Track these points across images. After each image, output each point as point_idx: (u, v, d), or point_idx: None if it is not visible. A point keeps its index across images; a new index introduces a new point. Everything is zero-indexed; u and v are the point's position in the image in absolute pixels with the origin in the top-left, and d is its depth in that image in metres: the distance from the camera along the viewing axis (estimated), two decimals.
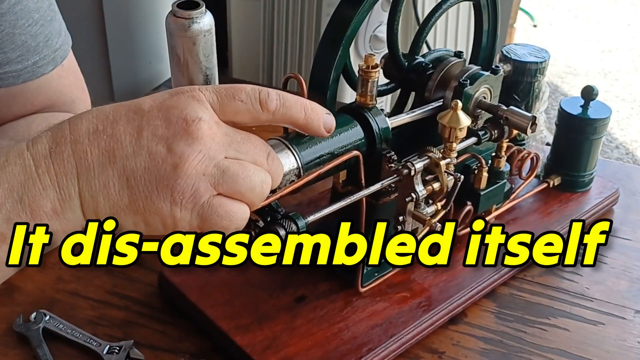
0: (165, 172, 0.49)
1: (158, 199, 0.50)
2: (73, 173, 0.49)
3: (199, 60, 0.60)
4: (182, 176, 0.49)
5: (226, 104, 0.52)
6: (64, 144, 0.49)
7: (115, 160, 0.49)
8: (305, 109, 0.56)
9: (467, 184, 0.81)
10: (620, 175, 0.99)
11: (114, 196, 0.50)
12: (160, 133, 0.49)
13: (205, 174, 0.50)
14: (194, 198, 0.50)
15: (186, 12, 0.57)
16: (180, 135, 0.49)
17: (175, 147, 0.49)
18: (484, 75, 0.75)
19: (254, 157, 0.53)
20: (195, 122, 0.50)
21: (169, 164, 0.49)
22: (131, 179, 0.49)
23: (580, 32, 3.65)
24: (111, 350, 0.69)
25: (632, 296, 0.80)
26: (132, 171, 0.49)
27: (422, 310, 0.73)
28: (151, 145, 0.49)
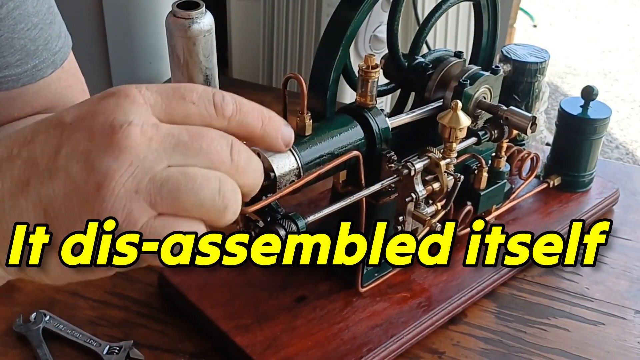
0: (87, 196, 0.39)
1: (82, 229, 0.40)
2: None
3: (199, 61, 0.60)
4: (108, 198, 0.39)
5: (173, 106, 0.42)
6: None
7: (28, 190, 0.40)
8: (263, 118, 0.45)
9: (467, 184, 0.81)
10: (620, 175, 0.99)
11: None
12: (81, 148, 0.39)
13: (138, 191, 0.39)
14: (127, 224, 0.39)
15: (186, 12, 0.57)
16: (105, 147, 0.39)
17: (98, 163, 0.39)
18: (484, 76, 0.75)
19: (210, 157, 0.42)
20: (123, 127, 0.39)
21: (91, 184, 0.39)
22: (49, 211, 0.40)
23: (580, 32, 3.65)
24: (111, 350, 0.69)
25: (632, 296, 0.80)
26: (50, 200, 0.40)
27: (422, 311, 0.73)
28: (70, 164, 0.39)
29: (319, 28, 1.39)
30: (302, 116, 0.63)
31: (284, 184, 0.60)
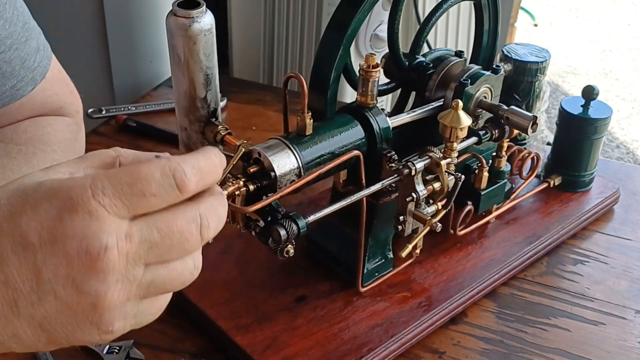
0: (83, 313, 0.42)
1: (83, 334, 0.43)
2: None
3: (200, 60, 0.60)
4: (105, 312, 0.42)
5: (136, 206, 0.42)
6: None
7: (19, 311, 0.42)
8: (221, 162, 0.46)
9: (468, 183, 0.80)
10: (621, 175, 0.99)
11: (29, 341, 0.43)
12: (62, 272, 0.41)
13: (129, 298, 0.43)
14: (124, 321, 0.44)
15: (187, 11, 0.57)
16: (89, 273, 0.41)
17: (86, 288, 0.41)
18: (484, 75, 0.75)
19: (183, 248, 0.44)
20: (101, 254, 0.41)
21: (85, 304, 0.42)
22: (45, 324, 0.42)
23: (581, 32, 3.65)
24: (111, 350, 0.69)
25: (632, 296, 0.80)
26: (43, 317, 0.42)
27: (422, 310, 0.73)
28: (57, 288, 0.41)
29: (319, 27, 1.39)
30: (303, 115, 0.63)
31: (284, 183, 0.60)
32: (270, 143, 0.61)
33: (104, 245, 0.41)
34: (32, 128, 0.76)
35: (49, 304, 0.41)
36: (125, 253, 0.42)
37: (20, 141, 0.74)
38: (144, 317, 0.46)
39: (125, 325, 0.45)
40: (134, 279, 0.43)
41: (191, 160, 0.44)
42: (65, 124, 0.79)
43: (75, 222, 0.41)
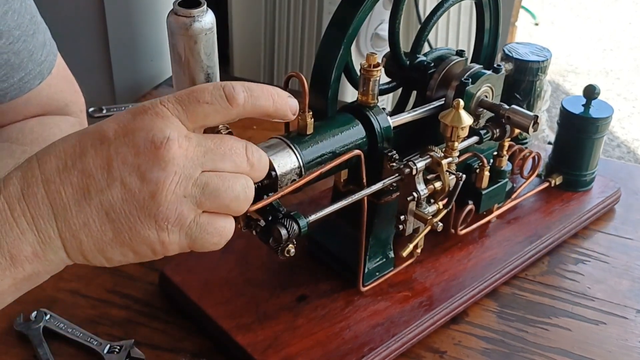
0: (144, 202, 0.47)
1: (143, 227, 0.48)
2: (50, 214, 0.47)
3: (200, 59, 0.59)
4: (163, 203, 0.48)
5: (193, 111, 0.50)
6: (36, 184, 0.48)
7: (91, 197, 0.47)
8: (272, 96, 0.53)
9: (469, 183, 0.80)
10: (622, 174, 0.99)
11: (97, 232, 0.48)
12: (130, 161, 0.47)
13: (185, 195, 0.48)
14: (179, 221, 0.49)
15: (187, 10, 0.57)
16: (152, 160, 0.47)
17: (148, 175, 0.47)
18: (485, 74, 0.75)
19: (232, 159, 0.51)
20: (163, 143, 0.47)
21: (145, 192, 0.47)
22: (111, 213, 0.48)
23: (582, 31, 3.65)
24: (112, 349, 0.69)
25: (633, 296, 0.80)
26: (110, 205, 0.47)
27: (423, 310, 0.73)
28: (123, 175, 0.47)
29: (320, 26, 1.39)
30: (304, 115, 0.62)
31: (285, 182, 0.60)
32: (271, 142, 0.61)
33: (167, 136, 0.47)
34: (38, 128, 0.76)
35: (115, 190, 0.47)
36: (185, 148, 0.48)
37: (25, 141, 0.74)
38: (201, 237, 0.50)
39: (181, 240, 0.49)
40: (190, 176, 0.48)
41: (245, 82, 0.52)
42: (70, 124, 0.79)
43: (145, 119, 0.48)
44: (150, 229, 0.48)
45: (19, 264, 0.48)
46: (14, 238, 0.47)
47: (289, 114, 0.55)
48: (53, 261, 0.49)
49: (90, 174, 0.47)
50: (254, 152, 0.52)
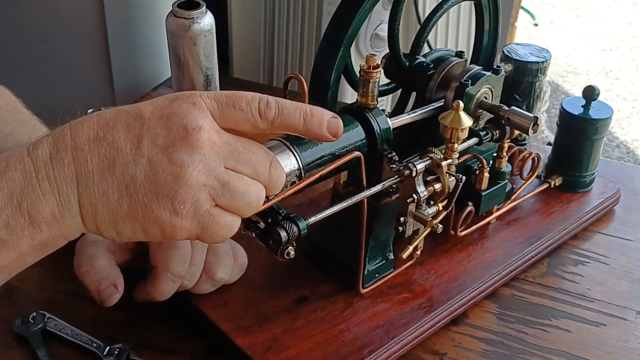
0: (165, 182, 0.49)
1: (158, 207, 0.50)
2: (73, 180, 0.49)
3: (200, 60, 0.59)
4: (183, 186, 0.49)
5: (226, 112, 0.52)
6: (65, 150, 0.49)
7: (115, 168, 0.49)
8: (304, 116, 0.56)
9: (469, 184, 0.80)
10: (622, 175, 0.99)
11: (113, 204, 0.50)
12: (160, 142, 0.49)
13: (205, 184, 0.50)
14: (194, 207, 0.50)
15: (187, 12, 0.57)
16: (181, 144, 0.49)
17: (175, 157, 0.49)
18: (485, 76, 0.75)
19: (255, 167, 0.53)
20: (195, 130, 0.49)
21: (169, 173, 0.49)
22: (131, 187, 0.49)
23: (581, 31, 3.65)
24: (111, 351, 0.69)
25: (633, 297, 0.79)
26: (132, 179, 0.49)
27: (423, 312, 0.73)
28: (151, 153, 0.49)
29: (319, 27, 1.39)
30: None
31: (285, 184, 0.60)
32: (270, 144, 0.61)
33: (200, 125, 0.50)
34: None
35: (141, 166, 0.49)
36: (213, 141, 0.50)
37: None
38: (212, 227, 0.52)
39: (192, 227, 0.51)
40: (214, 169, 0.50)
41: (281, 99, 0.55)
42: None
43: (182, 105, 0.51)
44: (164, 210, 0.50)
45: (37, 225, 0.49)
46: (34, 199, 0.48)
47: (324, 134, 0.57)
48: (70, 225, 0.50)
49: (119, 147, 0.49)
50: (277, 168, 0.55)
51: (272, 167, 0.54)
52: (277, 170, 0.55)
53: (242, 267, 0.74)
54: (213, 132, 0.51)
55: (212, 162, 0.50)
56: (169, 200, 0.49)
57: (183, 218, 0.50)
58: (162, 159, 0.49)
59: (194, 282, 0.69)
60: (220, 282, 0.72)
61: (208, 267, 0.69)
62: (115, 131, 0.50)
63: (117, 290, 0.67)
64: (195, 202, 0.50)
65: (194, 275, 0.69)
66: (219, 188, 0.51)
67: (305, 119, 0.56)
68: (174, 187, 0.49)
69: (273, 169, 0.54)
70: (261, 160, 0.53)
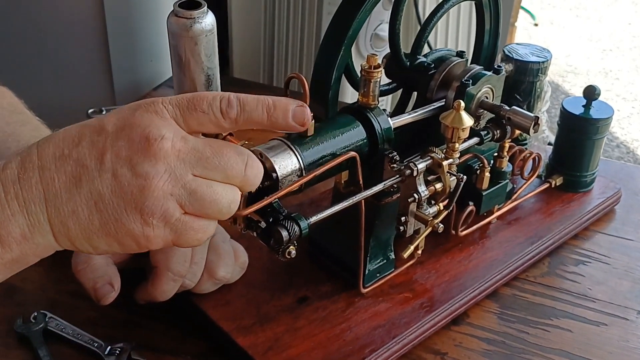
0: (132, 195, 0.49)
1: (128, 220, 0.49)
2: (41, 199, 0.49)
3: (201, 60, 0.59)
4: (149, 198, 0.49)
5: (189, 117, 0.51)
6: (32, 169, 0.49)
7: (81, 185, 0.49)
8: (267, 109, 0.54)
9: (469, 184, 0.80)
10: (622, 175, 0.99)
11: (84, 221, 0.50)
12: (123, 154, 0.49)
13: (172, 194, 0.50)
14: (164, 217, 0.50)
15: (188, 12, 0.56)
16: (144, 155, 0.49)
17: (139, 169, 0.49)
18: (486, 75, 0.75)
19: (226, 172, 0.52)
20: (157, 141, 0.49)
21: (134, 186, 0.49)
22: (99, 203, 0.49)
23: (582, 31, 3.65)
24: (112, 351, 0.69)
25: (634, 297, 0.79)
26: (100, 195, 0.49)
27: (424, 311, 0.73)
28: (115, 167, 0.49)
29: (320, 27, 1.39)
30: None
31: (286, 184, 0.60)
32: (271, 144, 0.61)
33: (162, 135, 0.49)
34: None
35: (107, 181, 0.49)
36: (178, 149, 0.50)
37: None
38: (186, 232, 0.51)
39: (165, 233, 0.51)
40: (180, 178, 0.50)
41: (243, 95, 0.53)
42: None
43: (143, 115, 0.50)
44: (135, 222, 0.50)
45: (7, 245, 0.49)
46: (4, 219, 0.49)
47: (291, 124, 0.56)
48: (41, 244, 0.50)
49: (84, 164, 0.49)
50: (252, 167, 0.53)
51: (248, 168, 0.53)
52: (252, 170, 0.53)
53: (243, 266, 0.74)
54: (177, 139, 0.50)
55: (178, 170, 0.50)
56: (138, 212, 0.49)
57: (155, 228, 0.50)
58: (126, 172, 0.49)
59: (196, 282, 0.69)
60: (222, 281, 0.71)
61: (209, 266, 0.69)
62: (80, 147, 0.50)
63: (113, 289, 0.67)
64: (164, 212, 0.50)
65: (195, 275, 0.69)
66: (186, 197, 0.50)
67: (269, 112, 0.55)
68: (141, 199, 0.49)
69: (249, 169, 0.53)
70: (233, 164, 0.52)
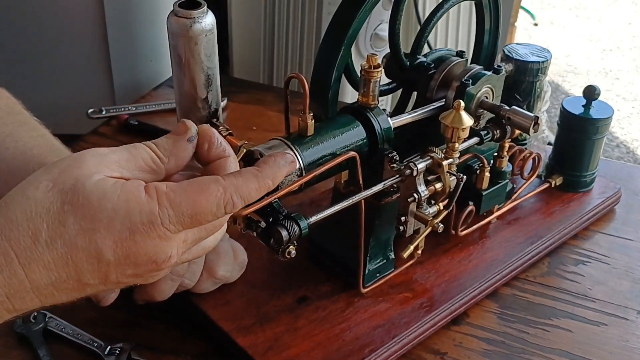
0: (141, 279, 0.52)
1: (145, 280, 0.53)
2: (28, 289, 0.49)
3: (201, 60, 0.59)
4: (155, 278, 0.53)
5: (193, 232, 0.52)
6: (25, 291, 0.48)
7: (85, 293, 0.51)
8: (263, 183, 0.54)
9: (469, 184, 0.80)
10: (622, 175, 0.99)
11: None
12: (130, 272, 0.50)
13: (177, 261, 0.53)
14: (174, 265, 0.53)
15: (188, 12, 0.57)
16: (152, 272, 0.51)
17: (147, 278, 0.52)
18: (486, 75, 0.75)
19: (214, 225, 0.54)
20: (165, 262, 0.51)
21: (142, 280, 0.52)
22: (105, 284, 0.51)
23: (581, 31, 3.65)
24: (112, 351, 0.69)
25: (634, 297, 0.79)
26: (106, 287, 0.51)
27: (424, 311, 0.73)
28: (121, 280, 0.51)
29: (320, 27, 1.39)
30: (304, 116, 0.62)
31: (285, 184, 0.60)
32: (271, 144, 0.61)
33: (169, 255, 0.50)
34: None
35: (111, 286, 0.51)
36: (181, 252, 0.52)
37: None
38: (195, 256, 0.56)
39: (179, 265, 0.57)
40: (180, 259, 0.53)
41: (245, 190, 0.52)
42: None
43: (147, 243, 0.49)
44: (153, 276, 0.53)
45: None
46: None
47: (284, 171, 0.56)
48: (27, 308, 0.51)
49: (87, 283, 0.50)
50: (235, 206, 0.52)
51: (228, 207, 0.52)
52: (235, 207, 0.53)
53: (243, 265, 0.74)
54: (180, 247, 0.52)
55: (180, 260, 0.53)
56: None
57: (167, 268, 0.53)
58: (133, 281, 0.52)
59: (195, 281, 0.69)
60: (221, 280, 0.71)
61: (209, 265, 0.69)
62: (81, 276, 0.49)
63: (114, 290, 0.67)
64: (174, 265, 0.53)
65: (194, 274, 0.69)
66: (186, 252, 0.54)
67: (267, 185, 0.55)
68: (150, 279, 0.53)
69: (229, 207, 0.52)
70: (221, 229, 0.56)
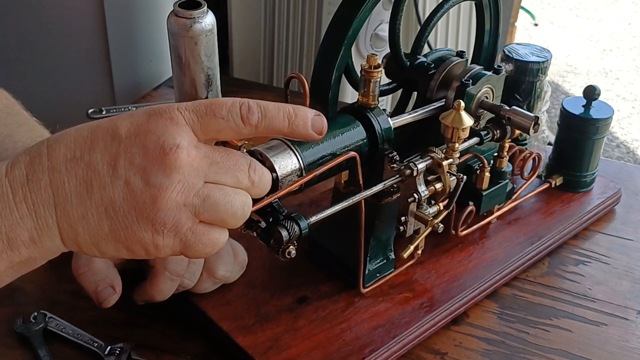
0: (144, 204, 0.48)
1: (139, 229, 0.49)
2: (50, 203, 0.48)
3: (201, 60, 0.59)
4: (162, 209, 0.49)
5: (207, 123, 0.51)
6: (42, 171, 0.48)
7: (92, 191, 0.48)
8: (288, 117, 0.54)
9: (469, 184, 0.80)
10: (622, 175, 0.99)
11: (94, 226, 0.49)
12: (137, 162, 0.48)
13: (185, 204, 0.49)
14: (175, 228, 0.50)
15: (188, 12, 0.56)
16: (158, 165, 0.48)
17: (152, 179, 0.48)
18: (486, 75, 0.75)
19: (235, 174, 0.52)
20: (172, 150, 0.48)
21: (147, 195, 0.48)
22: (110, 210, 0.49)
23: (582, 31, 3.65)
24: (112, 351, 0.69)
25: (634, 297, 0.79)
26: (111, 202, 0.48)
27: (424, 311, 0.73)
28: (128, 175, 0.48)
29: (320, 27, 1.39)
30: None
31: (286, 184, 0.60)
32: (271, 144, 0.61)
33: (177, 144, 0.48)
34: None
35: (118, 188, 0.48)
36: (192, 158, 0.49)
37: None
38: (195, 245, 0.51)
39: (174, 243, 0.50)
40: (193, 187, 0.49)
41: (262, 102, 0.52)
42: None
43: (159, 122, 0.49)
44: (146, 231, 0.49)
45: (15, 248, 0.48)
46: (12, 222, 0.48)
47: (310, 133, 0.56)
48: (49, 248, 0.50)
49: (96, 169, 0.48)
50: (256, 169, 0.53)
51: (251, 170, 0.52)
52: (257, 171, 0.53)
53: (243, 265, 0.74)
54: (191, 148, 0.49)
55: (192, 180, 0.49)
56: (149, 222, 0.49)
57: (165, 238, 0.50)
58: (139, 182, 0.48)
59: (195, 281, 0.69)
60: (221, 280, 0.71)
61: (208, 265, 0.69)
62: (92, 151, 0.49)
63: (115, 292, 0.67)
64: (175, 223, 0.49)
65: (194, 274, 0.69)
66: (200, 205, 0.50)
67: (290, 120, 0.54)
68: (153, 209, 0.48)
69: (252, 171, 0.52)
70: (240, 166, 0.52)
